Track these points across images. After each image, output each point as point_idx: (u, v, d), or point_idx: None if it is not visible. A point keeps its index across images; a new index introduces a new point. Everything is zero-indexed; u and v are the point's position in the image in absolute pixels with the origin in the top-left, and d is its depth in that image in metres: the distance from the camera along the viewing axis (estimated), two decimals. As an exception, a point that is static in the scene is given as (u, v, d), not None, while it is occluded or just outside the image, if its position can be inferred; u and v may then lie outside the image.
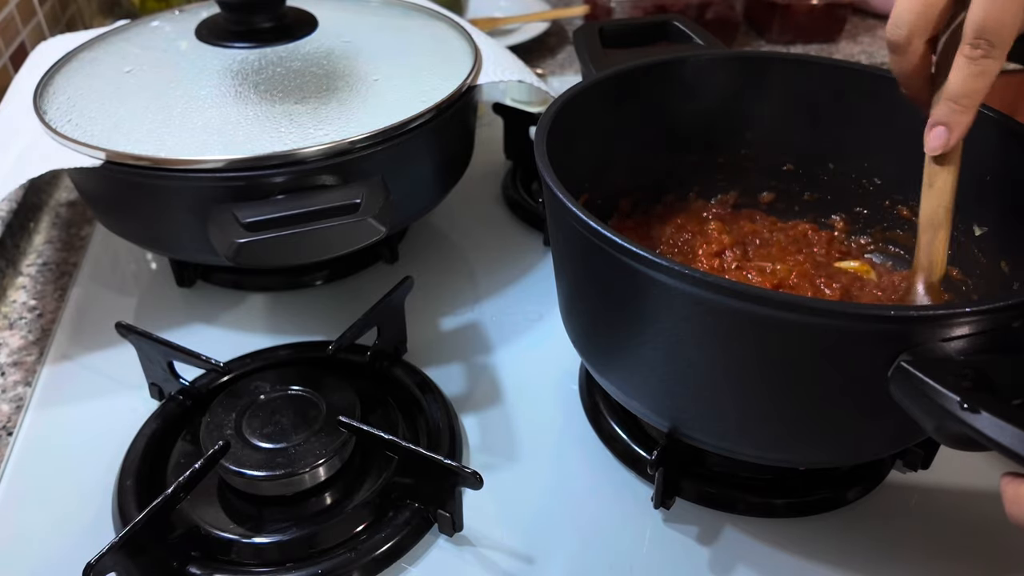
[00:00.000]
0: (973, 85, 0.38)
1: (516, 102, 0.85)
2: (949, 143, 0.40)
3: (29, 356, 0.60)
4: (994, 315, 0.33)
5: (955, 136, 0.40)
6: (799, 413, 0.39)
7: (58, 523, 0.47)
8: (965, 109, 0.39)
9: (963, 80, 0.38)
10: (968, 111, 0.39)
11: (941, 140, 0.40)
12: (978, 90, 0.38)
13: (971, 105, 0.39)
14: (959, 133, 0.40)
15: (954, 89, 0.39)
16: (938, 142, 0.40)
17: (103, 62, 0.61)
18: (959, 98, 0.39)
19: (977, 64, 0.37)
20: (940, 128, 0.40)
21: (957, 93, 0.38)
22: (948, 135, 0.40)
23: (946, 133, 0.40)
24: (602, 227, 0.37)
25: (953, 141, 0.40)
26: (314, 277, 0.65)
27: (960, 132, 0.40)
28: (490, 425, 0.53)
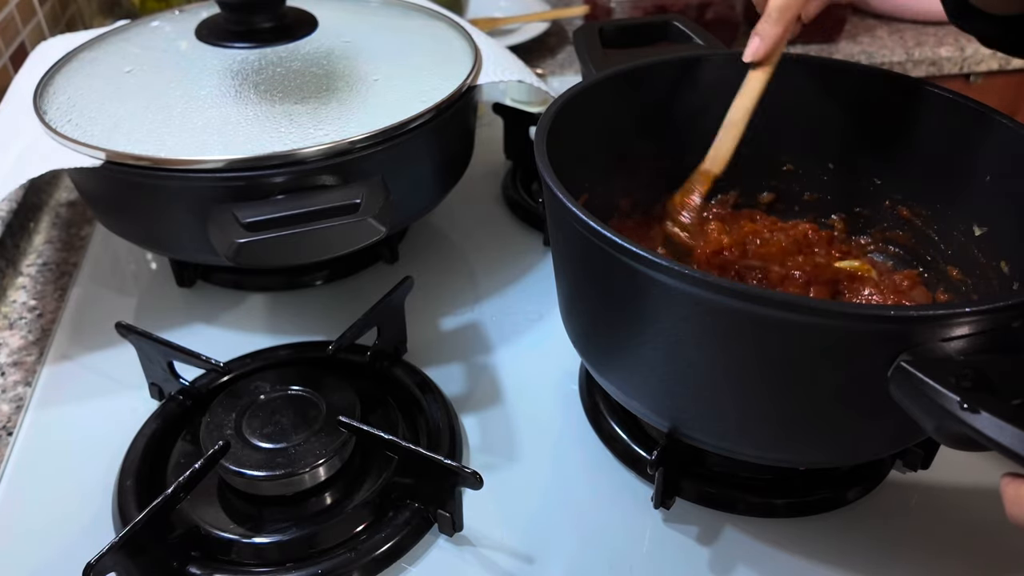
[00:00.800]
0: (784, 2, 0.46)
1: (516, 102, 0.85)
2: (758, 52, 0.48)
3: (29, 356, 0.60)
4: (994, 315, 0.33)
5: (764, 45, 0.47)
6: (799, 413, 0.39)
7: (58, 523, 0.47)
8: (776, 22, 0.47)
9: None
10: (778, 24, 0.47)
11: (753, 47, 0.48)
12: (788, 5, 0.46)
13: (782, 19, 0.46)
14: (769, 43, 0.47)
15: (771, 4, 0.47)
16: (751, 49, 0.48)
17: (103, 62, 0.61)
18: (772, 12, 0.47)
19: None
20: (755, 38, 0.48)
21: (772, 7, 0.47)
22: (760, 43, 0.47)
23: (759, 42, 0.47)
24: (602, 227, 0.37)
25: (763, 49, 0.47)
26: (314, 277, 0.65)
27: (768, 42, 0.47)
28: (490, 425, 0.53)
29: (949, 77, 1.10)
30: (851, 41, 1.09)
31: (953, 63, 1.08)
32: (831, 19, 1.06)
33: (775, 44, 0.47)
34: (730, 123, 0.49)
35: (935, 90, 0.49)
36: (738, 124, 0.49)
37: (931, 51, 1.07)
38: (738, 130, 0.49)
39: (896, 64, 1.06)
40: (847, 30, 1.10)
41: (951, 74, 1.10)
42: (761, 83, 0.48)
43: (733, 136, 0.49)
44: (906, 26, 1.14)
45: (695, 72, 0.55)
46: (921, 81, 0.50)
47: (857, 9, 1.16)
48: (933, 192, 0.52)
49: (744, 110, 0.49)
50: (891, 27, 1.14)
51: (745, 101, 0.49)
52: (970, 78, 1.12)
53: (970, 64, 1.09)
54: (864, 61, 1.05)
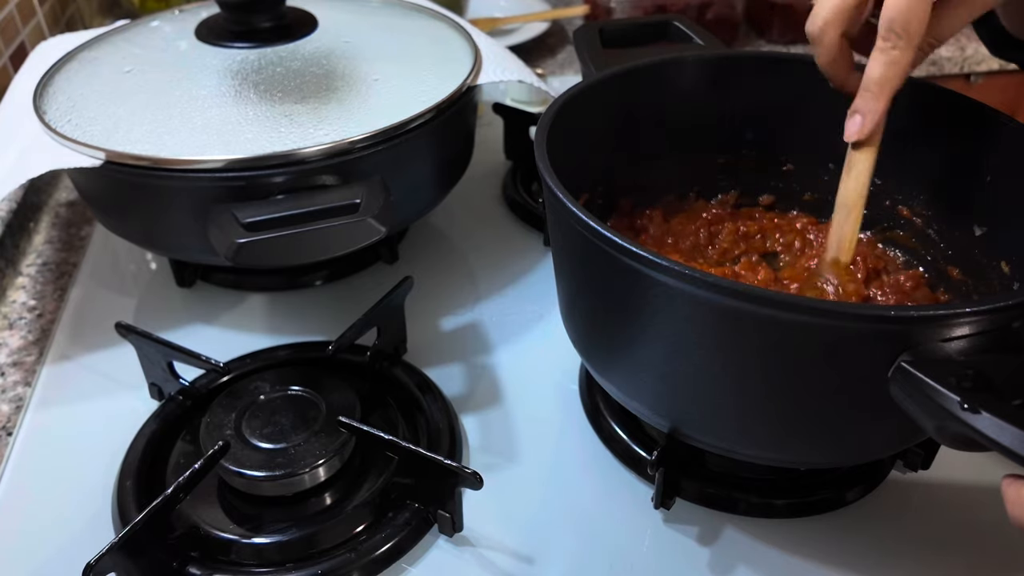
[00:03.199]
0: (885, 73, 0.41)
1: (516, 102, 0.85)
2: (864, 129, 0.43)
3: (29, 356, 0.60)
4: (994, 315, 0.33)
5: (869, 122, 0.43)
6: (799, 413, 0.39)
7: (58, 523, 0.47)
8: (877, 96, 0.42)
9: (875, 69, 0.41)
10: (880, 98, 0.42)
11: (856, 127, 0.43)
12: (890, 78, 0.41)
13: (883, 93, 0.42)
14: (872, 119, 0.43)
15: (868, 78, 0.42)
16: (854, 128, 0.43)
17: (103, 62, 0.61)
18: (872, 85, 0.42)
19: (887, 55, 0.40)
20: (856, 116, 0.43)
21: (871, 81, 0.42)
22: (863, 121, 0.43)
23: (861, 120, 0.43)
24: (602, 227, 0.37)
25: (868, 127, 0.43)
26: (314, 277, 0.65)
27: (874, 118, 0.43)
28: (490, 425, 0.53)
29: (949, 77, 1.10)
30: (851, 41, 1.09)
31: (953, 63, 1.08)
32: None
33: (880, 120, 0.43)
34: (847, 207, 0.46)
35: (935, 90, 0.49)
36: (857, 208, 0.46)
37: (931, 51, 1.07)
38: (858, 213, 0.46)
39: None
40: (847, 30, 1.10)
41: (951, 74, 1.10)
42: (870, 162, 0.45)
43: (855, 220, 0.46)
44: (906, 26, 1.14)
45: (695, 72, 0.55)
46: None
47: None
48: (933, 192, 0.52)
49: (859, 194, 0.46)
50: (891, 27, 1.14)
51: (858, 185, 0.45)
52: (970, 78, 1.12)
53: (970, 64, 1.09)
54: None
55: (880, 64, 0.41)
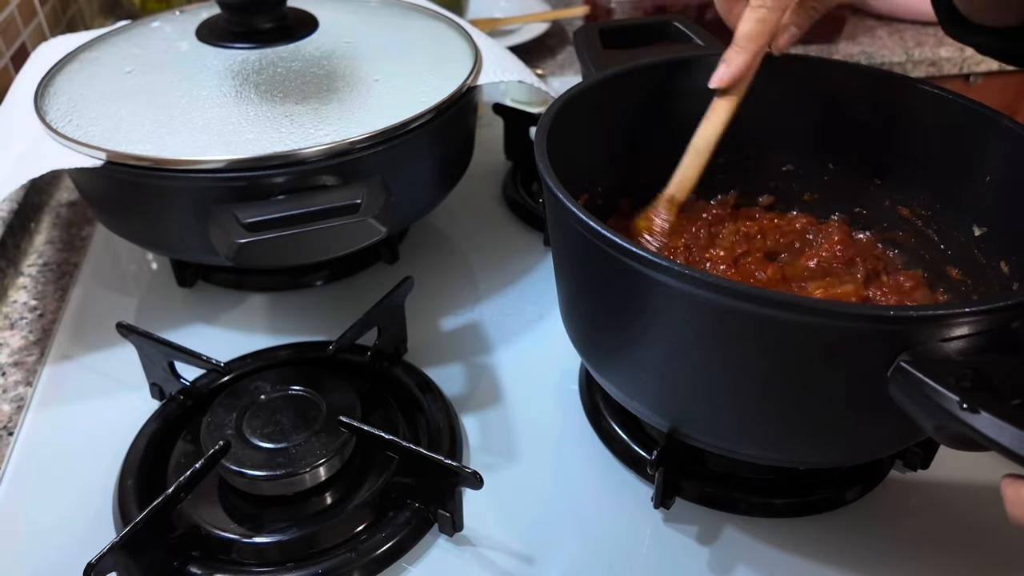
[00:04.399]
0: (753, 29, 0.46)
1: (516, 102, 0.85)
2: (725, 78, 0.47)
3: (30, 356, 0.60)
4: (994, 315, 0.33)
5: (730, 72, 0.47)
6: (799, 413, 0.39)
7: (59, 523, 0.47)
8: (743, 50, 0.46)
9: (746, 26, 0.46)
10: (744, 52, 0.46)
11: (719, 75, 0.47)
12: (757, 34, 0.46)
13: (749, 47, 0.46)
14: (735, 69, 0.47)
15: (739, 33, 0.46)
16: (717, 75, 0.47)
17: (104, 63, 0.61)
18: (739, 40, 0.46)
19: (757, 12, 0.45)
20: (722, 65, 0.47)
21: (740, 36, 0.46)
22: (726, 70, 0.47)
23: (725, 68, 0.47)
24: (602, 227, 0.38)
25: (728, 76, 0.47)
26: (314, 277, 0.65)
27: (735, 69, 0.47)
28: (490, 425, 0.53)
29: (949, 77, 1.10)
30: (851, 41, 1.09)
31: (953, 63, 1.08)
32: (831, 19, 1.06)
33: (742, 72, 0.47)
34: (696, 150, 0.49)
35: (935, 90, 0.49)
36: (704, 152, 0.49)
37: (931, 51, 1.07)
38: (704, 158, 0.49)
39: (896, 65, 1.06)
40: (847, 30, 1.10)
41: (951, 74, 1.10)
42: (728, 111, 0.48)
43: (699, 164, 0.49)
44: (906, 26, 1.14)
45: (695, 72, 0.55)
46: (921, 81, 0.50)
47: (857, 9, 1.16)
48: (933, 192, 0.52)
49: (711, 138, 0.49)
50: (891, 27, 1.14)
51: (712, 129, 0.49)
52: (970, 78, 1.12)
53: (970, 64, 1.09)
54: (864, 61, 1.05)
55: (749, 21, 0.45)
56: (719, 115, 0.48)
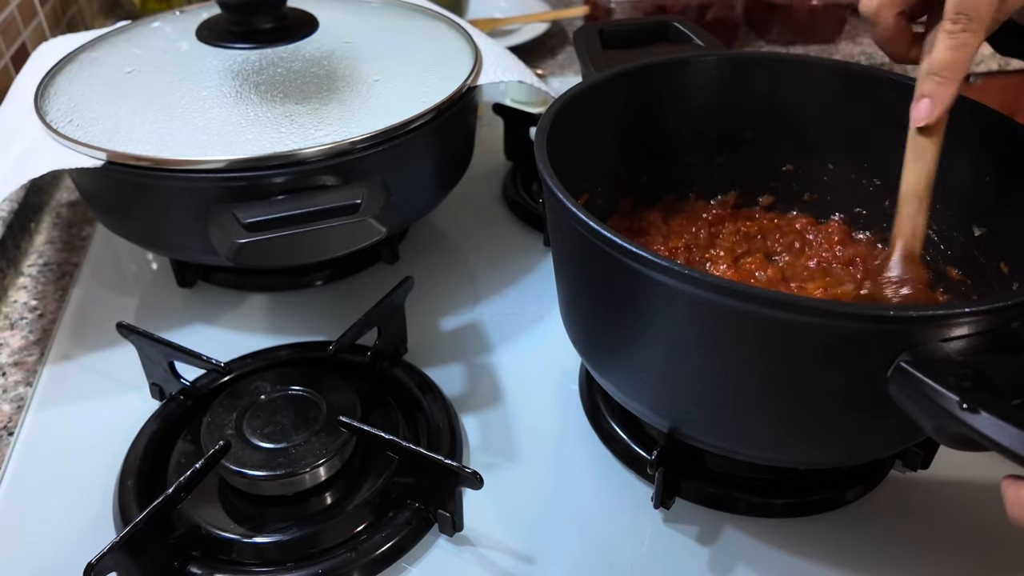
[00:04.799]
0: (953, 57, 0.40)
1: (516, 103, 0.85)
2: (932, 115, 0.42)
3: (30, 356, 0.60)
4: (994, 315, 0.33)
5: (938, 108, 0.41)
6: (799, 413, 0.39)
7: (59, 523, 0.47)
8: (947, 81, 0.41)
9: (944, 53, 0.40)
10: (950, 83, 0.41)
11: (925, 112, 0.42)
12: (958, 62, 0.40)
13: (952, 77, 0.41)
14: (942, 105, 0.41)
15: (936, 62, 0.40)
16: (922, 113, 0.42)
17: (104, 63, 0.61)
18: (941, 70, 0.40)
19: (956, 38, 0.39)
20: (925, 100, 0.42)
21: (939, 66, 0.40)
22: (931, 107, 0.41)
23: (930, 105, 0.41)
24: (602, 227, 0.38)
25: (936, 113, 0.41)
26: (315, 277, 0.65)
27: (943, 103, 0.41)
28: (490, 425, 0.53)
29: (949, 77, 1.10)
30: (851, 41, 1.09)
31: (953, 64, 1.08)
32: (831, 19, 1.06)
33: (949, 105, 0.41)
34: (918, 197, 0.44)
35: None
36: (927, 196, 0.44)
37: (931, 51, 1.07)
38: (928, 202, 0.44)
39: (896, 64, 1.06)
40: (847, 30, 1.10)
41: (951, 75, 1.10)
42: (937, 148, 0.43)
43: (926, 209, 0.44)
44: (906, 27, 1.14)
45: (695, 73, 0.55)
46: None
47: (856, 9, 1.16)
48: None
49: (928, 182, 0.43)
50: (891, 27, 1.14)
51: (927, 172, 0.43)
52: (969, 79, 1.12)
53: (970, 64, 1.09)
54: (864, 61, 1.05)
55: (948, 49, 0.40)
56: (930, 156, 0.43)
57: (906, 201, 0.45)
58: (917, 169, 0.44)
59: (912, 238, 0.45)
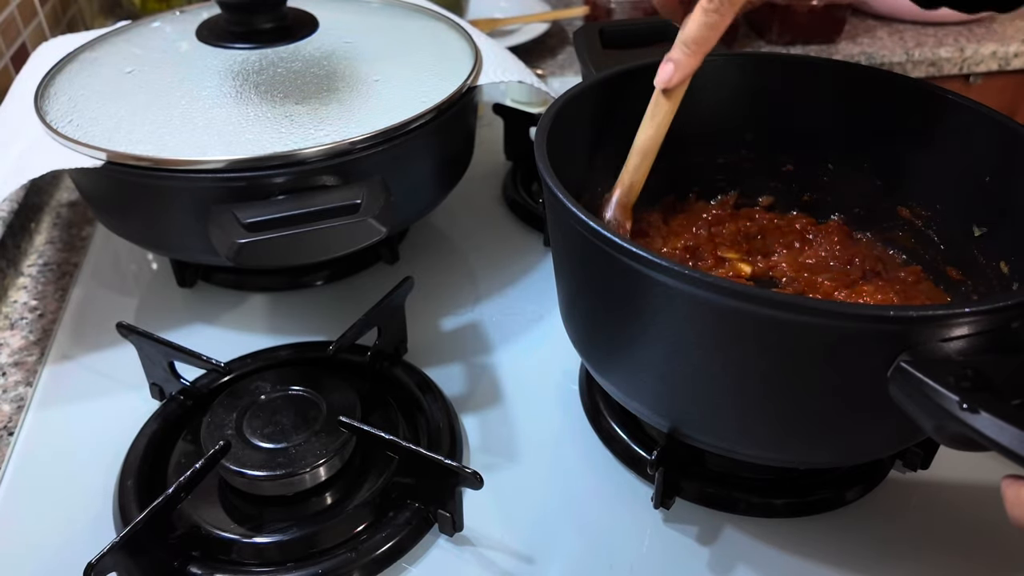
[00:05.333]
0: (703, 34, 0.44)
1: (516, 103, 0.85)
2: (673, 79, 0.45)
3: (30, 356, 0.60)
4: (994, 315, 0.33)
5: (679, 74, 0.45)
6: (799, 413, 0.39)
7: (59, 523, 0.47)
8: (693, 53, 0.44)
9: (696, 28, 0.44)
10: (695, 55, 0.45)
11: (667, 75, 0.45)
12: (708, 38, 0.44)
13: (699, 51, 0.44)
14: (683, 72, 0.45)
15: (688, 34, 0.44)
16: (664, 76, 0.46)
17: (104, 63, 0.61)
18: (690, 43, 0.44)
19: (709, 17, 0.43)
20: (669, 65, 0.45)
21: (689, 38, 0.44)
22: (674, 72, 0.45)
23: (672, 70, 0.45)
24: (602, 227, 0.38)
25: (676, 79, 0.45)
26: (315, 277, 0.65)
27: (684, 72, 0.45)
28: (490, 425, 0.53)
29: (949, 78, 1.10)
30: (851, 42, 1.09)
31: (953, 64, 1.08)
32: (831, 19, 1.06)
33: (689, 75, 0.46)
34: (644, 152, 0.48)
35: (935, 91, 0.49)
36: (652, 153, 0.48)
37: (931, 52, 1.07)
38: (652, 159, 0.48)
39: (896, 65, 1.06)
40: (847, 30, 1.10)
41: (951, 75, 1.10)
42: (672, 110, 0.47)
43: (648, 165, 0.49)
44: (906, 27, 1.14)
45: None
46: (921, 82, 0.51)
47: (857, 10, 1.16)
48: (933, 192, 0.52)
49: (657, 140, 0.48)
50: (891, 28, 1.14)
51: (659, 132, 0.48)
52: (970, 79, 1.12)
53: (970, 65, 1.09)
54: (864, 62, 1.05)
55: (700, 25, 0.43)
56: (664, 116, 0.47)
57: (635, 154, 0.48)
58: (651, 127, 0.48)
59: (630, 189, 0.49)
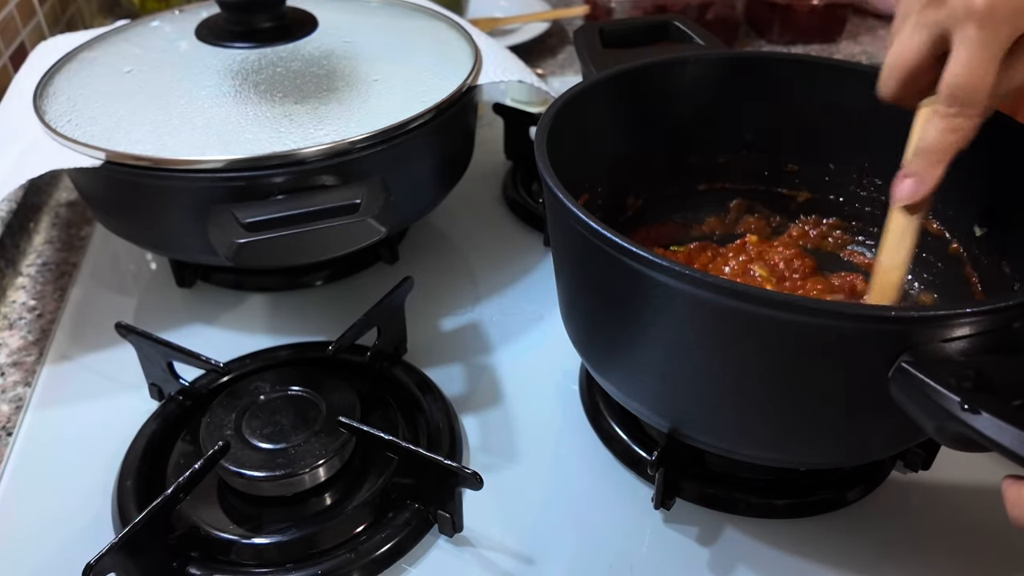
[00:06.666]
0: (946, 140, 0.38)
1: (516, 102, 0.85)
2: (917, 195, 0.40)
3: (29, 356, 0.60)
4: (995, 316, 0.33)
5: (924, 189, 0.40)
6: (799, 413, 0.39)
7: (58, 523, 0.47)
8: (937, 164, 0.39)
9: (936, 135, 0.38)
10: (939, 165, 0.39)
11: (909, 191, 0.40)
12: (951, 145, 0.38)
13: (943, 160, 0.39)
14: (929, 186, 0.40)
15: (928, 144, 0.39)
16: (906, 192, 0.41)
17: (103, 62, 0.61)
18: (932, 153, 0.39)
19: (950, 122, 0.38)
20: (910, 180, 0.40)
21: (931, 148, 0.39)
22: (916, 186, 0.40)
23: (914, 185, 0.40)
24: (602, 227, 0.37)
25: (921, 194, 0.40)
26: (314, 277, 0.65)
27: (930, 185, 0.40)
28: (490, 425, 0.53)
29: (949, 77, 1.10)
30: (851, 41, 1.09)
31: (953, 63, 1.08)
32: (832, 19, 1.06)
33: (935, 186, 0.40)
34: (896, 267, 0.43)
35: (935, 90, 0.49)
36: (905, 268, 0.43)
37: (931, 51, 1.07)
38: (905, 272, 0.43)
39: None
40: (847, 30, 1.10)
41: (951, 74, 1.09)
42: (918, 227, 0.42)
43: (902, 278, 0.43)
44: (906, 26, 1.14)
45: (695, 72, 0.55)
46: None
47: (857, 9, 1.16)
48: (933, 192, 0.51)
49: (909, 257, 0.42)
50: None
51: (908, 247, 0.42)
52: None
53: (970, 64, 1.09)
54: (864, 61, 1.05)
55: (940, 131, 0.38)
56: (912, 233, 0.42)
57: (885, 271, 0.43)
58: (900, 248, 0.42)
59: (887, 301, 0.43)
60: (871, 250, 0.56)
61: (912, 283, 0.53)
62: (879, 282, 0.43)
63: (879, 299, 0.44)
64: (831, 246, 0.57)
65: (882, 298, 0.43)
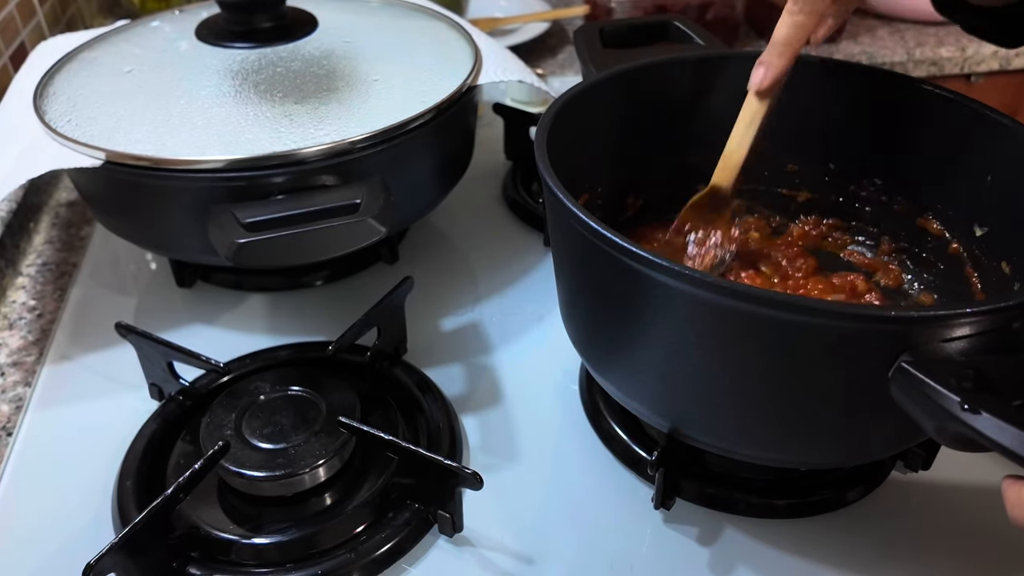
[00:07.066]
0: (790, 34, 0.46)
1: (516, 102, 0.85)
2: (765, 81, 0.47)
3: (29, 356, 0.60)
4: (995, 316, 0.33)
5: (770, 75, 0.47)
6: (799, 413, 0.39)
7: (58, 523, 0.47)
8: (782, 54, 0.47)
9: (783, 31, 0.46)
10: (784, 56, 0.47)
11: (759, 77, 0.47)
12: (794, 39, 0.46)
13: (787, 51, 0.46)
14: (774, 74, 0.47)
15: (777, 37, 0.47)
16: (757, 79, 0.48)
17: (103, 62, 0.61)
18: (778, 45, 0.47)
19: (794, 18, 0.46)
20: (761, 67, 0.47)
21: (777, 41, 0.47)
22: (765, 73, 0.47)
23: (764, 71, 0.47)
24: (602, 227, 0.37)
25: (769, 80, 0.47)
26: (314, 277, 0.65)
27: (775, 73, 0.47)
28: (490, 425, 0.53)
29: (950, 77, 1.10)
30: (851, 41, 1.09)
31: (954, 63, 1.08)
32: (831, 19, 1.06)
33: (781, 76, 0.47)
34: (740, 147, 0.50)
35: (936, 90, 0.49)
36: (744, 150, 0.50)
37: (932, 51, 1.07)
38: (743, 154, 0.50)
39: (897, 64, 1.06)
40: (847, 30, 1.10)
41: (952, 74, 1.10)
42: (764, 111, 0.48)
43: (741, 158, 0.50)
44: (907, 26, 1.14)
45: (695, 72, 0.55)
46: (922, 81, 0.50)
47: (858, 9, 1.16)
48: (933, 192, 0.52)
49: (748, 139, 0.49)
50: (892, 27, 1.14)
51: (748, 129, 0.49)
52: (971, 78, 1.12)
53: (971, 64, 1.09)
54: (865, 61, 1.05)
55: (786, 26, 0.46)
56: (757, 116, 0.49)
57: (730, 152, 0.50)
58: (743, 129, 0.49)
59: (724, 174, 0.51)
60: (871, 250, 0.56)
61: (912, 283, 0.53)
62: (724, 163, 0.50)
63: (721, 177, 0.51)
64: (831, 246, 0.57)
65: (724, 176, 0.51)
